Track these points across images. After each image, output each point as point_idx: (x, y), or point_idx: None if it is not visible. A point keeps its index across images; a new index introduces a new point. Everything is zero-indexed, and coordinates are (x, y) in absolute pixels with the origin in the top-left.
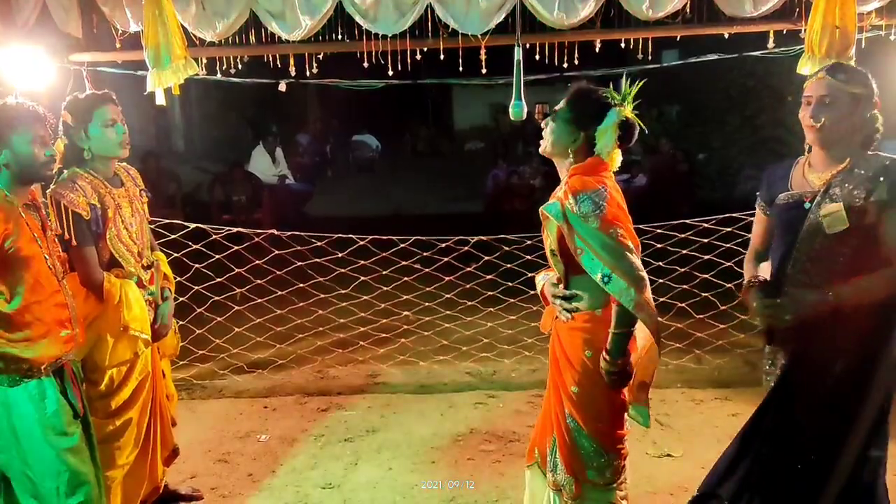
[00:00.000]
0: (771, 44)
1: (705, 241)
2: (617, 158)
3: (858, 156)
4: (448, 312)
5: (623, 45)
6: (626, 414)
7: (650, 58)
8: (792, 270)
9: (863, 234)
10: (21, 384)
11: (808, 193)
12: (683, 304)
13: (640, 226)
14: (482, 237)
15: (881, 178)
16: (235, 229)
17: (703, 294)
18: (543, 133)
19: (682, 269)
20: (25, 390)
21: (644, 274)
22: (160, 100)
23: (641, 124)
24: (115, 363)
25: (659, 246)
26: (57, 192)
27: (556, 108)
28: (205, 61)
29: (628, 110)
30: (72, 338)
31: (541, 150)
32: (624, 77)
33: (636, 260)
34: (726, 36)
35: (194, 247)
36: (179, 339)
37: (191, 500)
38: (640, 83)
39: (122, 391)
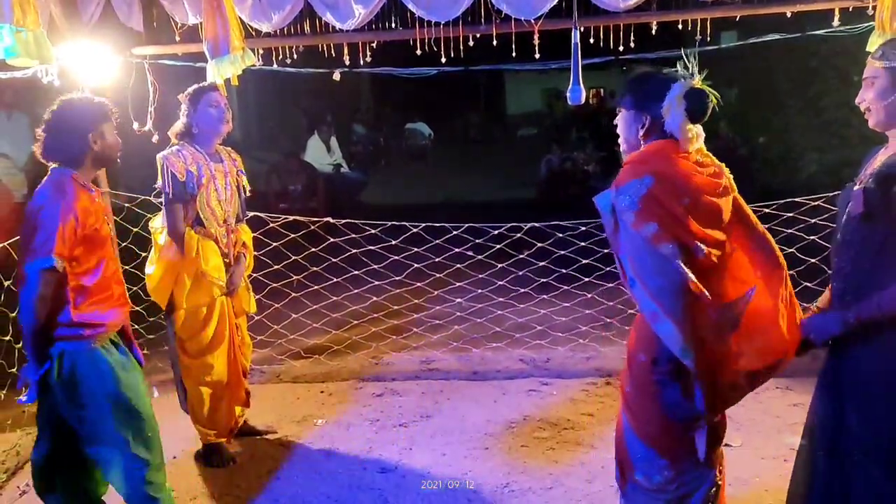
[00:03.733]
0: (836, 21)
1: (766, 226)
2: (695, 136)
3: None
4: (501, 299)
5: (680, 26)
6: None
7: (708, 39)
8: (833, 252)
9: (889, 224)
10: (100, 346)
11: (865, 176)
12: None
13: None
14: (535, 224)
15: None
16: (291, 217)
17: None
18: (618, 128)
19: None
20: (105, 350)
21: (675, 280)
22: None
23: (714, 94)
24: (192, 304)
25: None
26: (164, 156)
27: (621, 98)
28: (261, 52)
29: (697, 81)
30: (127, 304)
31: (622, 149)
32: (684, 57)
33: (668, 264)
34: (788, 14)
35: (253, 234)
36: (253, 297)
37: (266, 434)
38: (696, 62)
39: (204, 333)
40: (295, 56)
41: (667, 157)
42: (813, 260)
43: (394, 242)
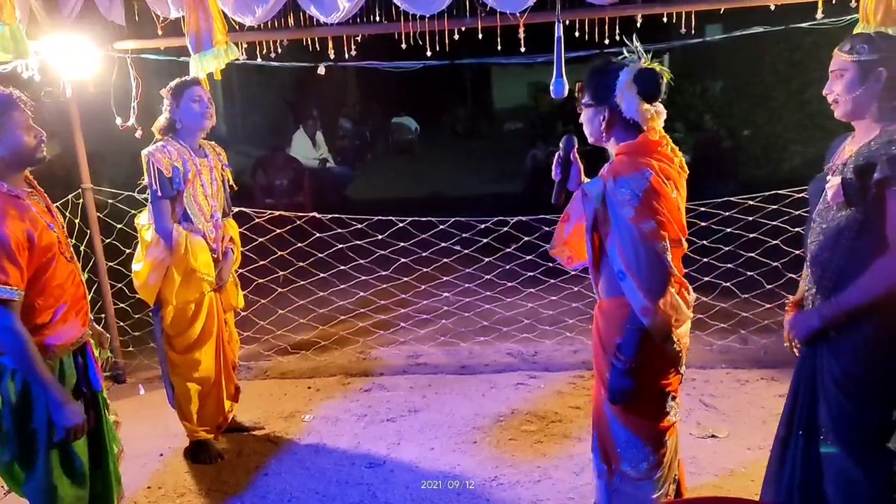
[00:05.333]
0: (820, 14)
1: (750, 218)
2: (655, 115)
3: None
4: (488, 293)
5: (665, 19)
6: (669, 406)
7: (693, 32)
8: (809, 242)
9: (864, 211)
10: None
11: (836, 165)
12: (728, 284)
13: (685, 204)
14: (522, 218)
15: (882, 154)
16: (277, 213)
17: (749, 273)
18: (584, 126)
19: (727, 248)
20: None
21: (665, 277)
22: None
23: (665, 70)
24: (181, 300)
25: (703, 224)
26: (150, 152)
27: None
28: (245, 46)
29: (644, 62)
30: (86, 313)
31: (590, 142)
32: (637, 49)
33: (662, 259)
34: (772, 7)
35: (239, 230)
36: (241, 293)
37: (253, 430)
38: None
39: (192, 329)
40: (279, 50)
41: (653, 151)
42: (797, 252)
43: (380, 237)
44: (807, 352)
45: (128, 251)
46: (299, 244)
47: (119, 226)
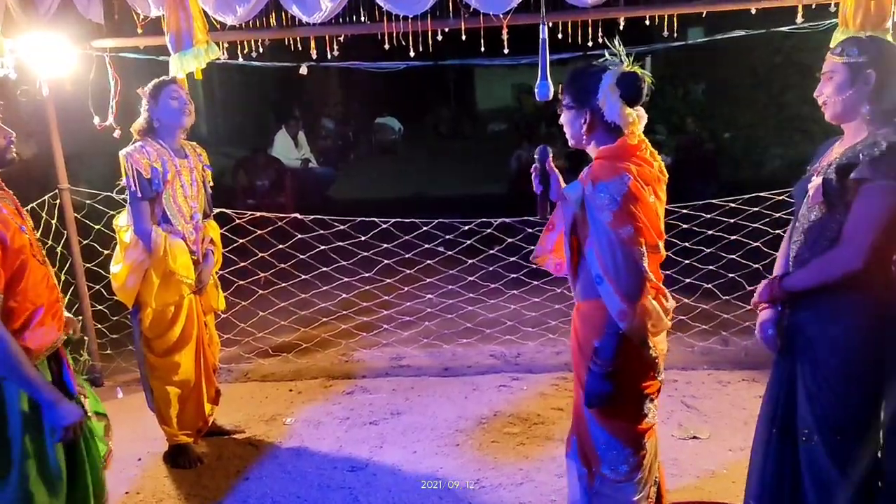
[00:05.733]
0: (800, 18)
1: (731, 221)
2: (637, 119)
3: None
4: (471, 295)
5: (648, 22)
6: (647, 408)
7: (675, 35)
8: (791, 242)
9: (843, 212)
10: None
11: (822, 167)
12: (710, 286)
13: (666, 206)
14: (506, 219)
15: (865, 154)
16: (259, 213)
17: (730, 275)
18: (564, 129)
19: (709, 250)
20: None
21: (641, 282)
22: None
23: (647, 74)
24: (160, 303)
25: (685, 226)
26: (128, 153)
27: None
28: (226, 45)
29: (626, 66)
30: (61, 317)
31: (570, 145)
32: (620, 51)
33: (638, 265)
34: (753, 11)
35: (219, 231)
36: (221, 295)
37: (234, 434)
38: (642, 61)
39: (171, 332)
40: (261, 49)
41: (632, 155)
42: (777, 254)
43: (363, 238)
44: (785, 352)
45: (106, 252)
46: (281, 245)
47: (97, 227)
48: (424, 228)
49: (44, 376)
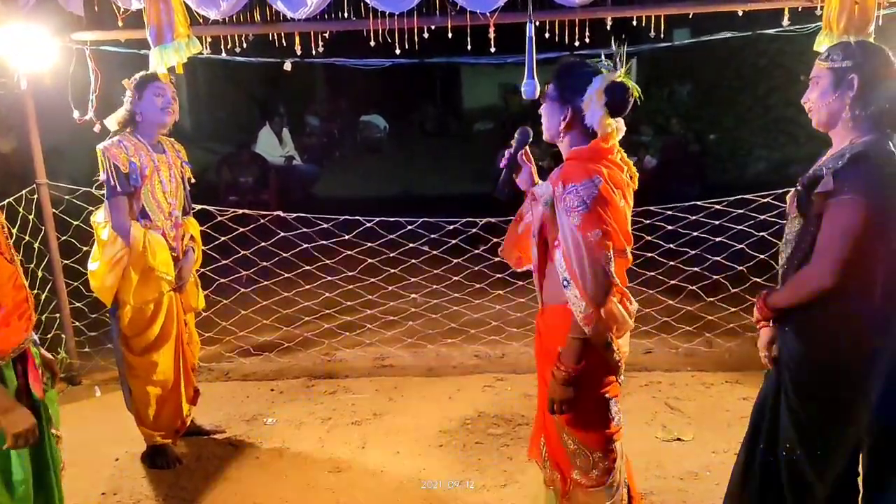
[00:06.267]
0: (786, 21)
1: (716, 222)
2: (615, 130)
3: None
4: (456, 295)
5: (634, 22)
6: (614, 411)
7: (662, 36)
8: (781, 250)
9: (817, 222)
10: None
11: (805, 177)
12: (694, 287)
13: (651, 207)
14: (491, 219)
15: (829, 167)
16: (241, 211)
17: (714, 276)
18: (542, 119)
19: (693, 252)
20: None
21: (607, 286)
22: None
23: (636, 87)
24: (139, 300)
25: (670, 228)
26: (105, 147)
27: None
28: (209, 40)
29: (620, 74)
30: (30, 317)
31: (544, 137)
32: (617, 54)
33: (605, 269)
34: (740, 13)
35: (200, 228)
36: (201, 293)
37: (214, 434)
38: (629, 63)
39: (150, 330)
40: (245, 45)
41: (603, 157)
42: (762, 256)
43: (347, 237)
44: (774, 361)
45: (84, 249)
46: (263, 243)
47: (76, 223)
48: (409, 227)
49: None
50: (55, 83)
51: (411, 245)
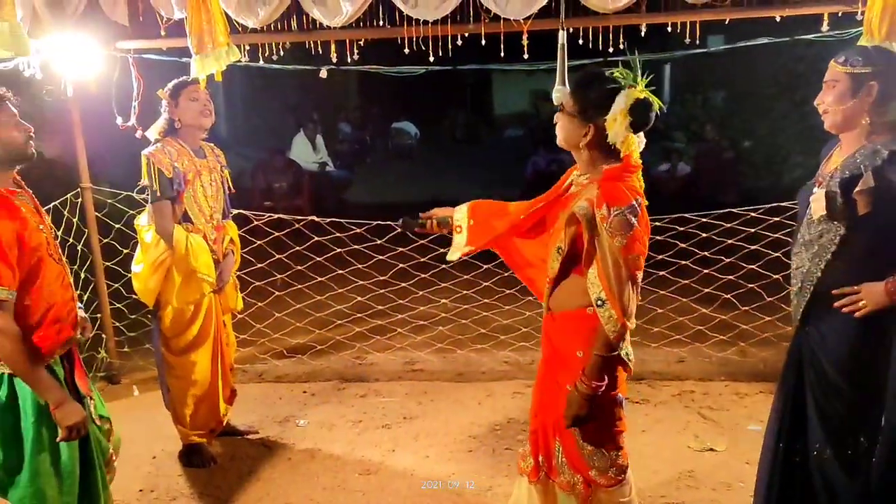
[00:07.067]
0: (825, 27)
1: (752, 230)
2: (636, 147)
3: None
4: (486, 301)
5: (669, 29)
6: (622, 407)
7: (697, 42)
8: (793, 254)
9: (847, 225)
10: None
11: (823, 177)
12: (728, 296)
13: (685, 214)
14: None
15: (865, 166)
16: (276, 216)
17: (749, 285)
18: (556, 127)
19: (728, 260)
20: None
21: (632, 307)
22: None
23: (659, 102)
24: (182, 301)
25: (704, 235)
26: (150, 153)
27: (563, 100)
28: (247, 48)
29: (640, 89)
30: (76, 316)
31: (558, 142)
32: (635, 62)
33: (636, 289)
34: (778, 19)
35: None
36: (240, 295)
37: (247, 434)
38: (647, 75)
39: (190, 330)
40: (281, 52)
41: (634, 173)
42: None
43: (379, 242)
44: (791, 362)
45: (125, 251)
46: (297, 247)
47: (117, 226)
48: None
49: (51, 376)
50: (99, 90)
51: (442, 250)
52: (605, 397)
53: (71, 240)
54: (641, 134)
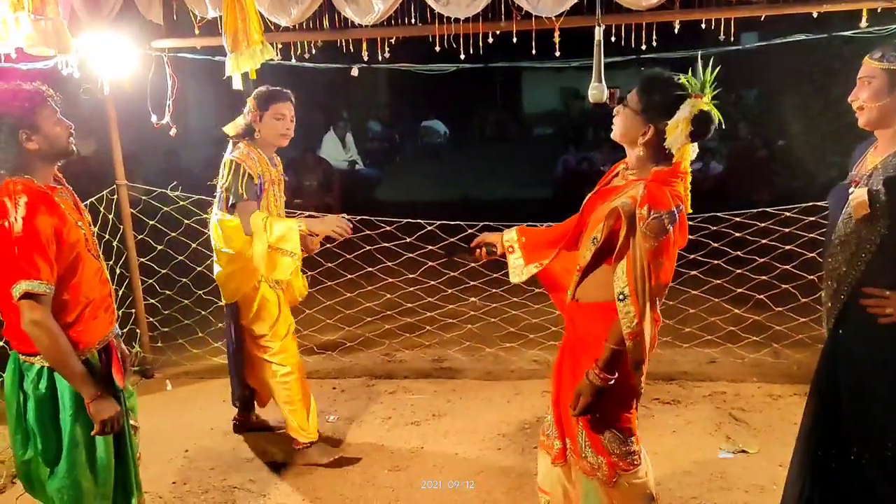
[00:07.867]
0: (864, 22)
1: (786, 230)
2: (689, 154)
3: None
4: (515, 299)
5: (703, 25)
6: (637, 400)
7: (731, 39)
8: (826, 255)
9: (889, 225)
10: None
11: (860, 176)
12: (762, 296)
13: (718, 213)
14: (551, 223)
15: None
16: (307, 213)
17: (783, 286)
18: (615, 119)
19: (762, 260)
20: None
21: (653, 310)
22: (237, 84)
23: (720, 116)
24: (272, 281)
25: (737, 235)
26: (239, 158)
27: (628, 94)
28: (279, 46)
29: (706, 101)
30: (113, 311)
31: (612, 135)
32: (699, 60)
33: (661, 294)
34: (815, 15)
35: None
36: (306, 285)
37: (278, 430)
38: (717, 69)
39: (280, 318)
40: (313, 51)
41: (681, 179)
42: None
43: (408, 240)
44: (824, 364)
45: (159, 248)
46: (327, 245)
47: (151, 222)
48: (470, 231)
49: (87, 371)
50: (134, 89)
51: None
52: (625, 385)
53: (107, 236)
54: (695, 144)
